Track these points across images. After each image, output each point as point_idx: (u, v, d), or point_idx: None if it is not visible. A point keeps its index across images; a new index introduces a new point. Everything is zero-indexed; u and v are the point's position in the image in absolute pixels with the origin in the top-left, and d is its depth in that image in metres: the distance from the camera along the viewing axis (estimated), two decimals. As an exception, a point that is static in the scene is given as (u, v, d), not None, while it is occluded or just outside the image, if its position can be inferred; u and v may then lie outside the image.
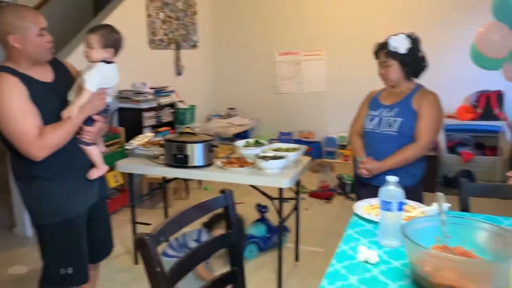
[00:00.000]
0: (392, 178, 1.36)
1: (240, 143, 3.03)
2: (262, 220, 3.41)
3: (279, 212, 2.69)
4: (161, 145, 2.90)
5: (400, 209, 1.35)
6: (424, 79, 2.43)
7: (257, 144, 3.02)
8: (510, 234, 1.14)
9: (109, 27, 1.94)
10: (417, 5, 5.25)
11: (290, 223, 2.97)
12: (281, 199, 2.66)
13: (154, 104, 4.53)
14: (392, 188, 1.34)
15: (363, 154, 2.41)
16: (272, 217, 2.90)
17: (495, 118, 4.78)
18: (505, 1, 3.28)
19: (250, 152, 2.84)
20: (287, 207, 2.95)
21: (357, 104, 2.62)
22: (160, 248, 1.18)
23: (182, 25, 5.55)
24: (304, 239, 3.28)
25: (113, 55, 1.93)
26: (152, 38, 5.02)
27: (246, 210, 3.36)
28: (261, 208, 3.43)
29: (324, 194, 4.53)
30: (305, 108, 6.02)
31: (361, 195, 2.32)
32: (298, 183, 3.01)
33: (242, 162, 2.76)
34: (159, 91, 4.69)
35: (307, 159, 2.97)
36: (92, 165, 1.99)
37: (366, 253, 1.27)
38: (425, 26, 4.69)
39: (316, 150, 5.76)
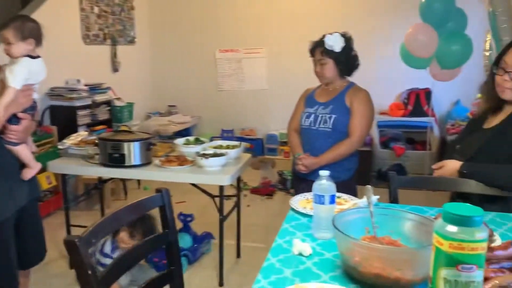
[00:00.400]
0: (324, 173, 1.40)
1: (179, 141, 3.00)
2: (186, 230, 3.14)
3: (220, 210, 2.68)
4: (96, 144, 2.80)
5: (333, 202, 1.39)
6: (358, 78, 2.52)
7: (197, 142, 3.00)
8: (431, 223, 1.21)
9: (21, 17, 1.84)
10: (351, 5, 5.44)
11: (231, 220, 2.98)
12: (222, 197, 2.66)
13: (89, 102, 4.37)
14: (324, 182, 1.38)
15: (301, 151, 2.47)
16: (214, 215, 2.87)
17: (424, 114, 5.07)
18: (430, 3, 3.49)
19: (190, 150, 2.81)
20: (229, 204, 2.96)
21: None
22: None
23: (118, 20, 5.38)
24: (245, 236, 3.30)
25: (35, 46, 1.83)
26: (86, 33, 4.81)
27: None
28: (185, 217, 3.16)
29: (265, 190, 4.59)
30: (246, 106, 6.05)
31: (299, 190, 2.35)
32: (239, 180, 3.02)
33: (181, 160, 2.73)
34: (94, 88, 4.52)
35: (247, 156, 2.99)
36: (21, 165, 1.88)
37: (300, 246, 1.30)
38: (359, 27, 4.86)
39: (258, 147, 5.82)
